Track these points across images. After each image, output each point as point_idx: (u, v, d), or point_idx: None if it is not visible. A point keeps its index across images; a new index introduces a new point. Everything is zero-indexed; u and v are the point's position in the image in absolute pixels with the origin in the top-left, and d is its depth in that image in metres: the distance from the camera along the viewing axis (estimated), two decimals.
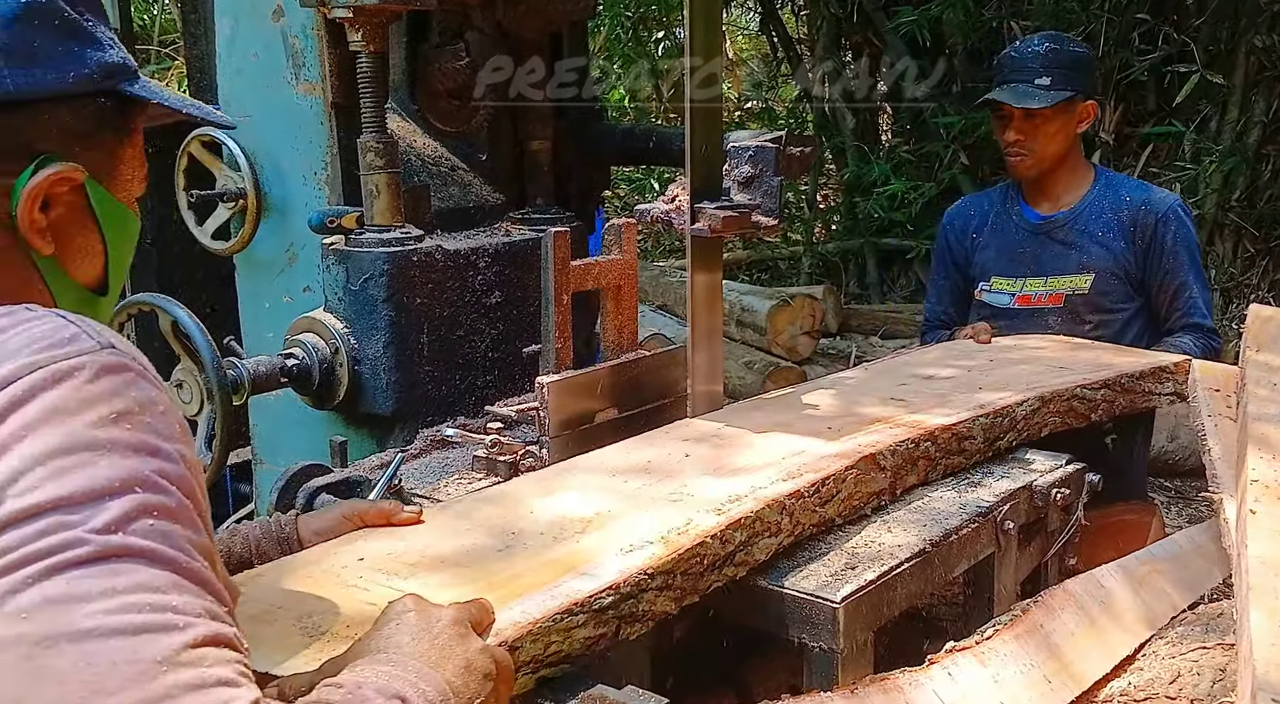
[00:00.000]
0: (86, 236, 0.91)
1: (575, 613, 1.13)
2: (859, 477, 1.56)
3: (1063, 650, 1.45)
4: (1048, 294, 2.53)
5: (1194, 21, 5.02)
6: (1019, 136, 2.44)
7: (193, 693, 0.62)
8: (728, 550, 1.33)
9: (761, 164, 1.85)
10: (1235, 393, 1.86)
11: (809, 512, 1.47)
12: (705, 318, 1.90)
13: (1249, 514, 1.34)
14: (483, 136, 2.33)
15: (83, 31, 0.88)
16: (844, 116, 6.59)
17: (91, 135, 0.89)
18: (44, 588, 0.62)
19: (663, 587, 1.23)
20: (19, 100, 0.84)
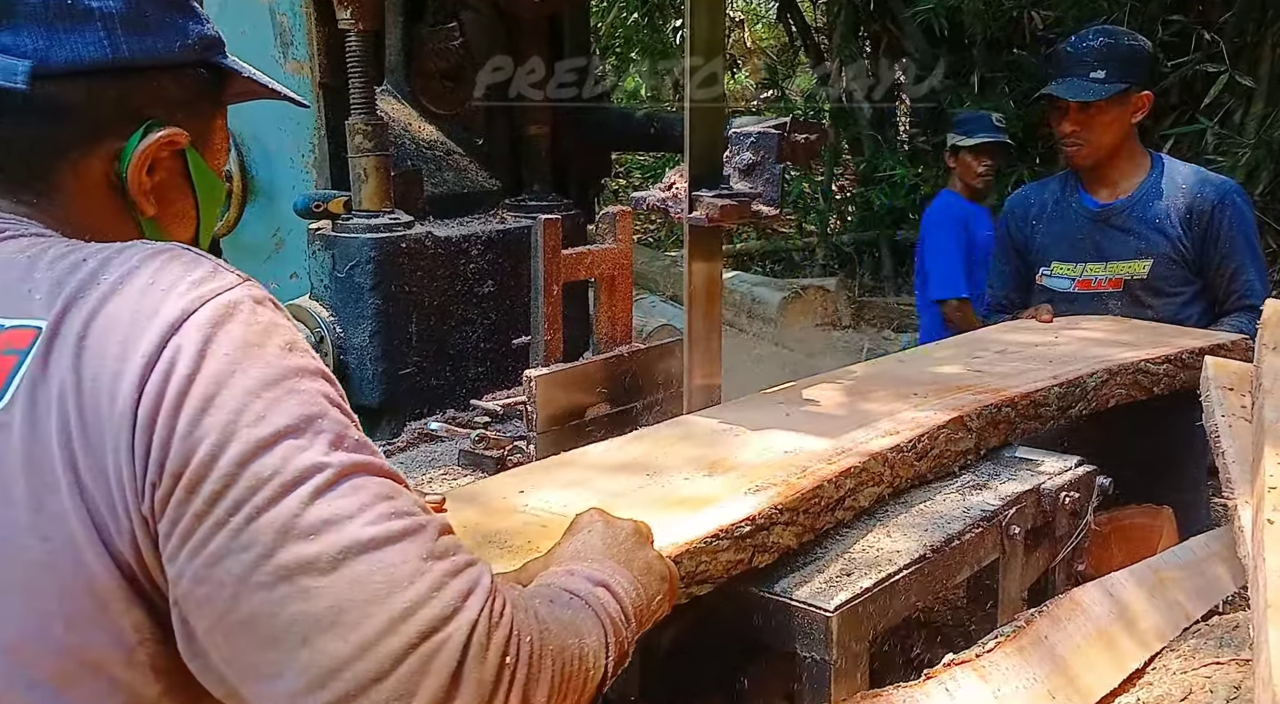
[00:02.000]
0: (183, 201, 0.95)
1: (721, 538, 1.28)
2: (949, 436, 1.67)
3: (1069, 664, 1.38)
4: (1107, 278, 2.61)
5: (1220, 15, 4.91)
6: (1075, 127, 2.52)
7: (454, 578, 0.72)
8: (839, 495, 1.47)
9: (764, 151, 1.78)
10: (1250, 392, 1.77)
11: (906, 465, 1.59)
12: (703, 310, 1.84)
13: (1266, 524, 1.26)
14: (479, 120, 2.27)
15: (186, 5, 0.93)
16: (860, 107, 6.50)
17: (191, 104, 0.93)
18: (314, 510, 0.69)
19: (788, 522, 1.38)
20: (133, 66, 0.88)
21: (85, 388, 0.71)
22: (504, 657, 0.73)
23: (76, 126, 0.87)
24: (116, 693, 0.73)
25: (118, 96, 0.88)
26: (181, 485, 0.69)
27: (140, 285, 0.74)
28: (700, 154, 1.74)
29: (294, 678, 0.68)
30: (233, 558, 0.68)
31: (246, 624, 0.68)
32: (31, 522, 0.71)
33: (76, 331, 0.72)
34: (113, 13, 0.87)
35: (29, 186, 0.87)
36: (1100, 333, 2.34)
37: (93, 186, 0.89)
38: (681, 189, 1.77)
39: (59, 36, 0.85)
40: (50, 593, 0.71)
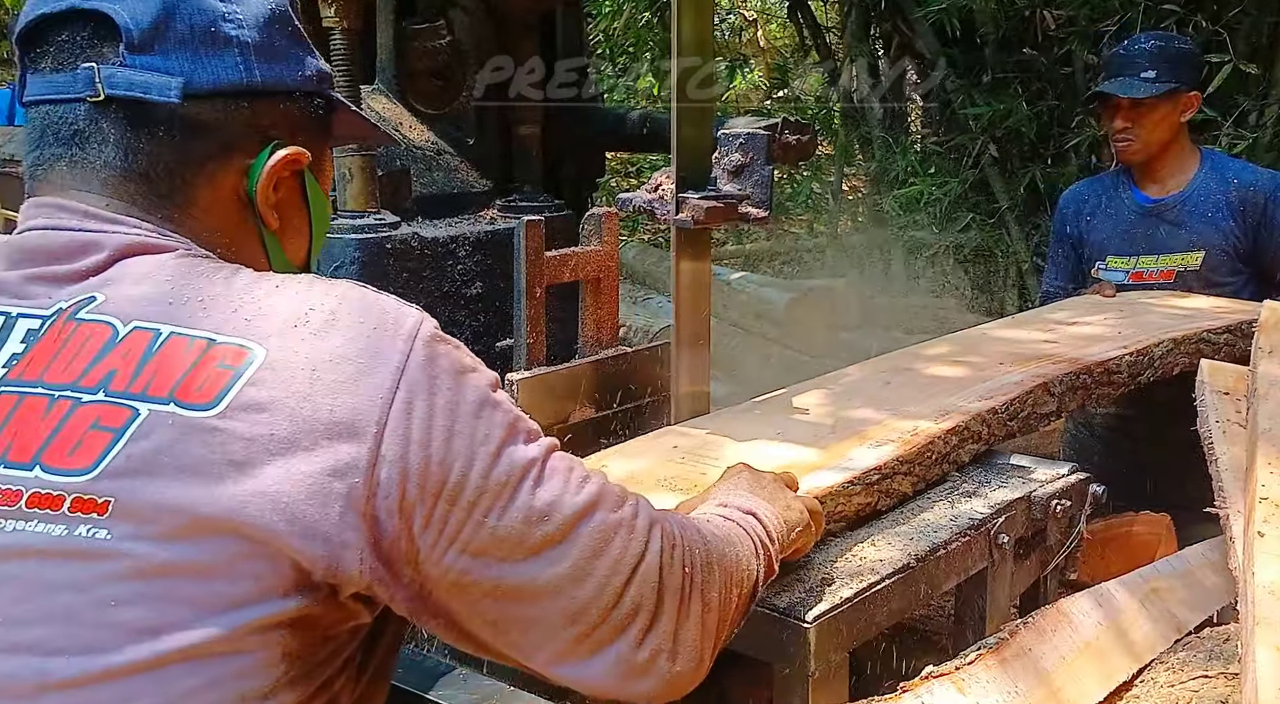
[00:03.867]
0: (299, 218, 1.04)
1: (854, 484, 1.49)
2: (1036, 400, 1.85)
3: (1052, 677, 1.34)
4: (1159, 270, 2.73)
5: (1232, 12, 4.84)
6: (1126, 124, 2.65)
7: (638, 517, 0.93)
8: (947, 449, 1.66)
9: (753, 152, 1.76)
10: (1246, 397, 1.74)
11: (1000, 425, 1.77)
12: (691, 315, 1.81)
13: (1256, 536, 1.22)
14: (469, 120, 2.25)
15: (305, 41, 1.04)
16: (871, 107, 6.45)
17: (308, 130, 1.03)
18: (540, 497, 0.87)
19: (907, 473, 1.59)
20: (264, 90, 0.98)
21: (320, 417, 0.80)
22: (685, 567, 0.95)
23: (213, 143, 0.95)
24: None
25: (249, 117, 0.97)
26: (442, 501, 0.82)
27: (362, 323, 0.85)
28: (687, 155, 1.72)
29: (555, 621, 0.88)
30: (495, 549, 0.85)
31: (513, 593, 0.86)
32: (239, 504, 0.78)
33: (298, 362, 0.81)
34: (248, 42, 0.96)
35: (171, 198, 0.94)
36: (1163, 307, 2.52)
37: (224, 199, 0.96)
38: (668, 190, 1.75)
39: (202, 61, 0.94)
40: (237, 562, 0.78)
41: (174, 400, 0.78)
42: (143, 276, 0.86)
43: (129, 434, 0.77)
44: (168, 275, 0.86)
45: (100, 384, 0.79)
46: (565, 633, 0.89)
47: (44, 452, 0.77)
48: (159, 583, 0.75)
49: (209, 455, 0.77)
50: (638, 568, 0.92)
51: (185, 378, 0.79)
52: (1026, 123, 5.48)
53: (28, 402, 0.79)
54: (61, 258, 0.87)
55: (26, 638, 0.73)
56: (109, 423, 0.77)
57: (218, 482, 0.77)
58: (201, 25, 0.94)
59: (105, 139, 0.92)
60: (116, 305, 0.84)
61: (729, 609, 1.03)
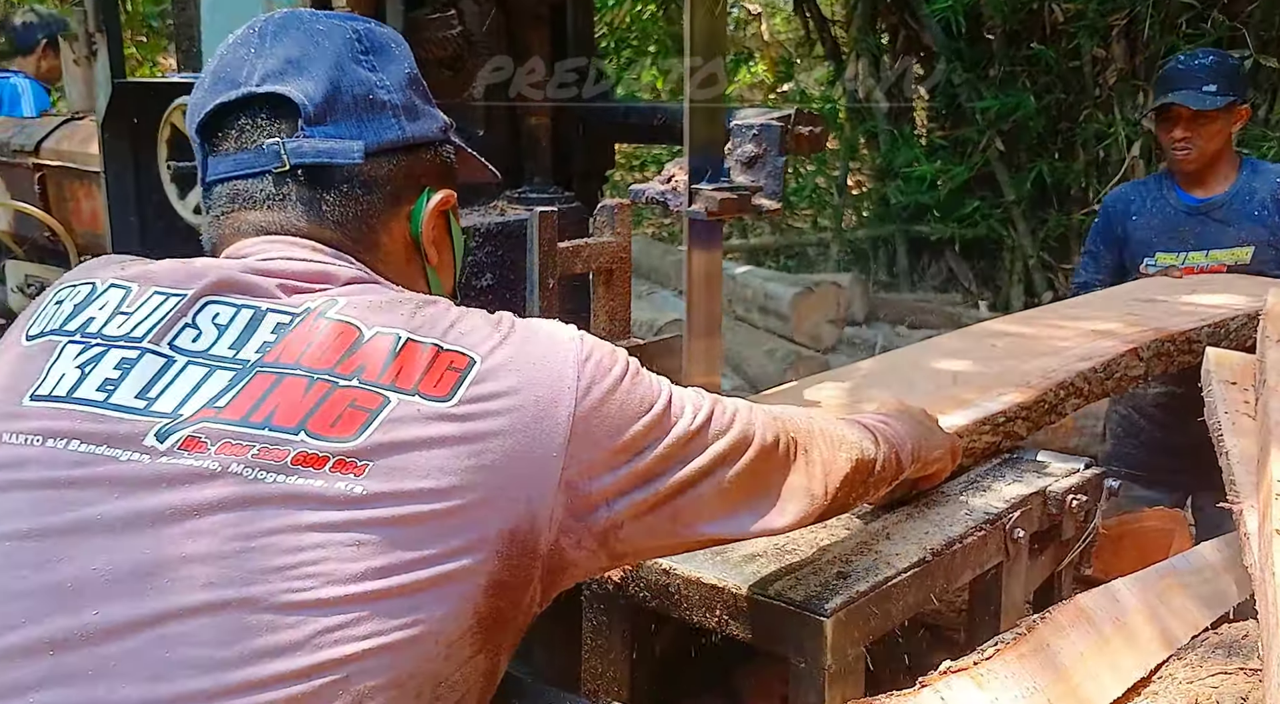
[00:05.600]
0: (447, 254, 1.18)
1: (985, 423, 1.72)
2: (1128, 363, 2.05)
3: (1070, 673, 1.33)
4: (1210, 265, 2.88)
5: (1246, 7, 4.82)
6: (1186, 134, 2.83)
7: (755, 420, 1.13)
8: (1054, 401, 1.86)
9: (766, 143, 1.75)
10: (1254, 387, 1.72)
11: (1099, 383, 1.97)
12: (703, 305, 1.80)
13: (1275, 534, 1.21)
14: (478, 111, 2.23)
15: (430, 97, 1.17)
16: (877, 101, 6.43)
17: (444, 175, 1.17)
18: (704, 436, 1.07)
19: (1025, 417, 1.79)
20: (415, 144, 1.12)
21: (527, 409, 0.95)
22: (790, 436, 1.16)
23: (386, 194, 1.10)
24: None
25: (408, 169, 1.11)
26: (620, 454, 0.99)
27: (540, 335, 1.00)
28: (700, 146, 1.70)
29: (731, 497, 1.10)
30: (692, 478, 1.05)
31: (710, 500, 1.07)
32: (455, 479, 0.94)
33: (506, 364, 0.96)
34: (398, 104, 1.10)
35: (362, 243, 1.09)
36: (1233, 284, 2.66)
37: (398, 241, 1.12)
38: (681, 181, 1.74)
39: (367, 125, 1.08)
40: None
41: (418, 393, 0.93)
42: (371, 297, 1.01)
43: (383, 416, 0.92)
44: (388, 298, 1.01)
45: (354, 373, 0.94)
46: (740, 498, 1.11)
47: (308, 421, 0.91)
48: (395, 530, 0.89)
49: (446, 435, 0.92)
50: (778, 446, 1.14)
51: (424, 376, 0.94)
52: (1034, 117, 5.47)
53: (287, 381, 0.93)
54: (305, 279, 1.02)
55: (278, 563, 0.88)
56: (365, 405, 0.92)
57: (453, 457, 0.92)
58: (362, 94, 1.08)
59: (295, 201, 1.07)
60: (358, 312, 0.98)
61: (836, 470, 1.22)
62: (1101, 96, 5.25)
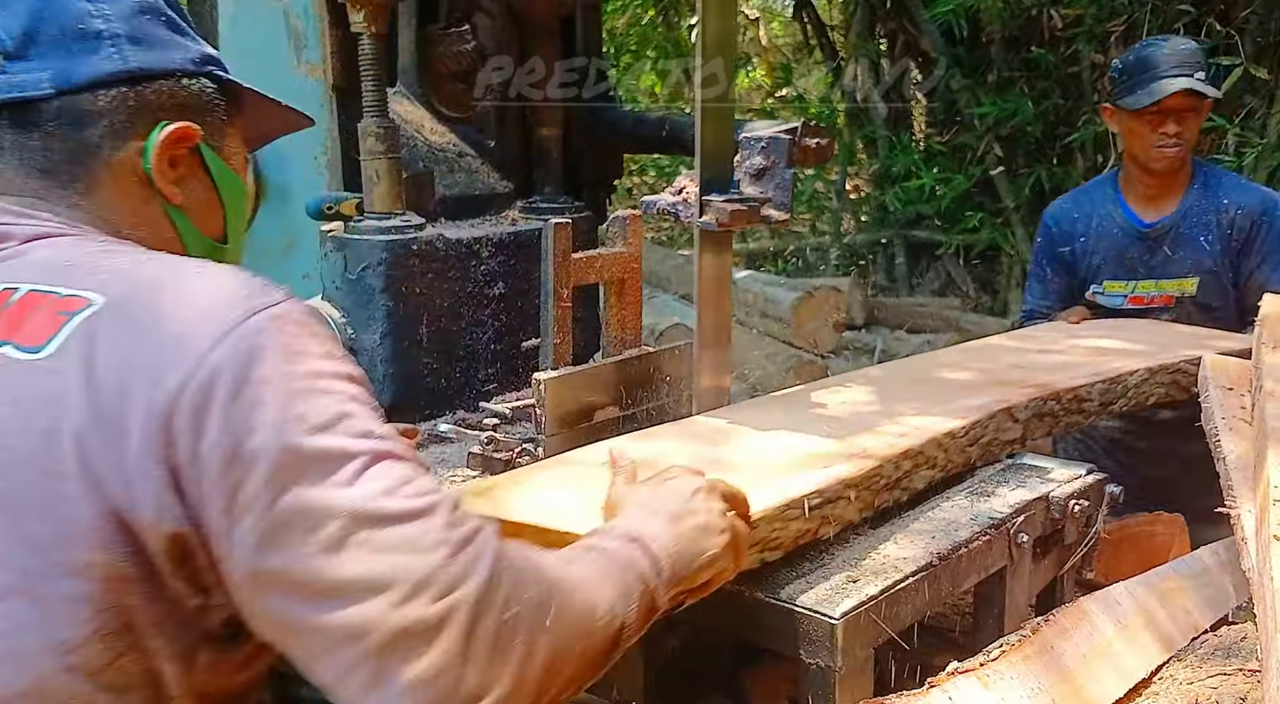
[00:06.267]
0: (206, 193, 1.11)
1: (793, 507, 1.38)
2: (998, 425, 1.76)
3: (1074, 674, 1.37)
4: (1159, 295, 2.66)
5: (1241, 13, 4.86)
6: (1179, 128, 2.53)
7: (466, 546, 0.84)
8: (897, 475, 1.56)
9: (775, 155, 1.78)
10: (1250, 393, 1.75)
11: (959, 450, 1.68)
12: (713, 313, 1.84)
13: (1273, 539, 1.24)
14: (491, 122, 2.28)
15: (180, 28, 1.10)
16: (875, 107, 6.47)
17: (201, 110, 1.09)
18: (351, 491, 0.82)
19: (852, 498, 1.48)
20: (142, 77, 1.05)
21: (133, 368, 0.84)
22: (505, 612, 0.84)
23: (104, 129, 1.03)
24: None
25: (135, 103, 1.04)
26: (235, 470, 0.81)
27: (200, 289, 0.89)
28: (710, 158, 1.74)
29: (335, 631, 0.80)
30: (283, 534, 0.81)
31: (297, 587, 0.81)
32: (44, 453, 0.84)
33: (133, 316, 0.87)
34: (120, 34, 1.04)
35: (73, 186, 1.03)
36: (1140, 332, 2.42)
37: (126, 181, 1.05)
38: (692, 193, 1.77)
39: (76, 56, 1.02)
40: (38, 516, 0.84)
41: (11, 342, 0.88)
42: (42, 254, 0.97)
43: None
44: (58, 251, 0.97)
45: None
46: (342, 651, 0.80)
47: None
48: None
49: (28, 394, 0.85)
50: (446, 597, 0.81)
51: (24, 323, 0.89)
52: (1032, 122, 5.50)
53: None
54: None
55: None
56: None
57: (34, 418, 0.84)
58: (70, 24, 1.02)
59: (2, 146, 1.02)
60: (14, 273, 0.94)
61: (562, 662, 0.89)
62: (1100, 102, 5.29)
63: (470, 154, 2.26)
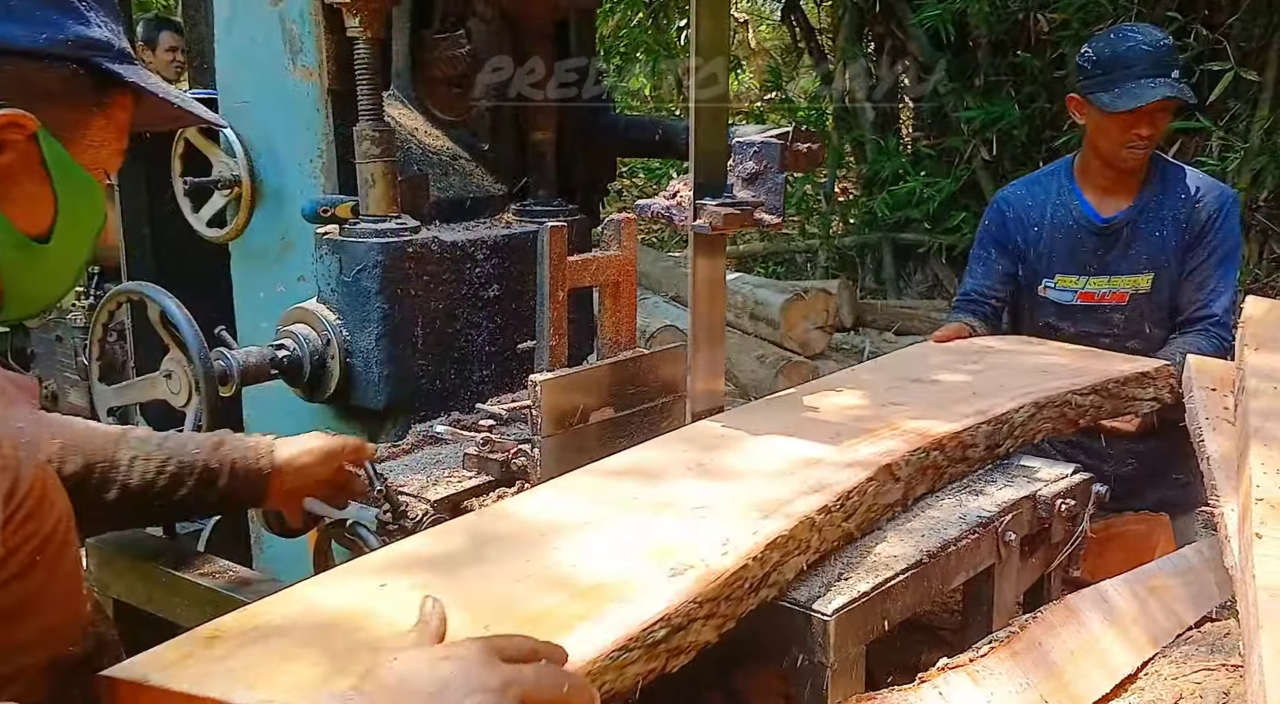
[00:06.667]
0: (37, 186, 0.99)
1: (630, 649, 1.09)
2: (878, 489, 1.53)
3: (1062, 669, 1.40)
4: (1112, 292, 2.58)
5: (1226, 18, 4.92)
6: (1152, 131, 2.44)
7: None
8: (764, 571, 1.30)
9: (766, 160, 1.80)
10: (1233, 394, 1.79)
11: (834, 527, 1.44)
12: (707, 315, 1.86)
13: (1254, 538, 1.27)
14: (484, 126, 2.29)
15: (68, 5, 0.98)
16: (863, 110, 6.51)
17: (59, 97, 0.99)
18: None
19: (709, 615, 1.20)
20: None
21: None
22: None
23: None
24: None
25: None
26: None
27: None
28: (704, 163, 1.76)
29: None
30: None
31: None
32: None
33: None
34: None
35: None
36: (1023, 358, 2.20)
37: None
38: (686, 197, 1.80)
39: None
40: None
41: None
42: None
43: None
44: None
45: None
46: None
47: None
48: None
49: None
50: None
51: None
52: (1018, 125, 5.55)
53: None
54: None
55: None
56: None
57: None
58: None
59: None
60: None
61: None
62: None
63: (464, 157, 2.28)
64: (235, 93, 2.12)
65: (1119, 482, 2.65)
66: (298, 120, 2.04)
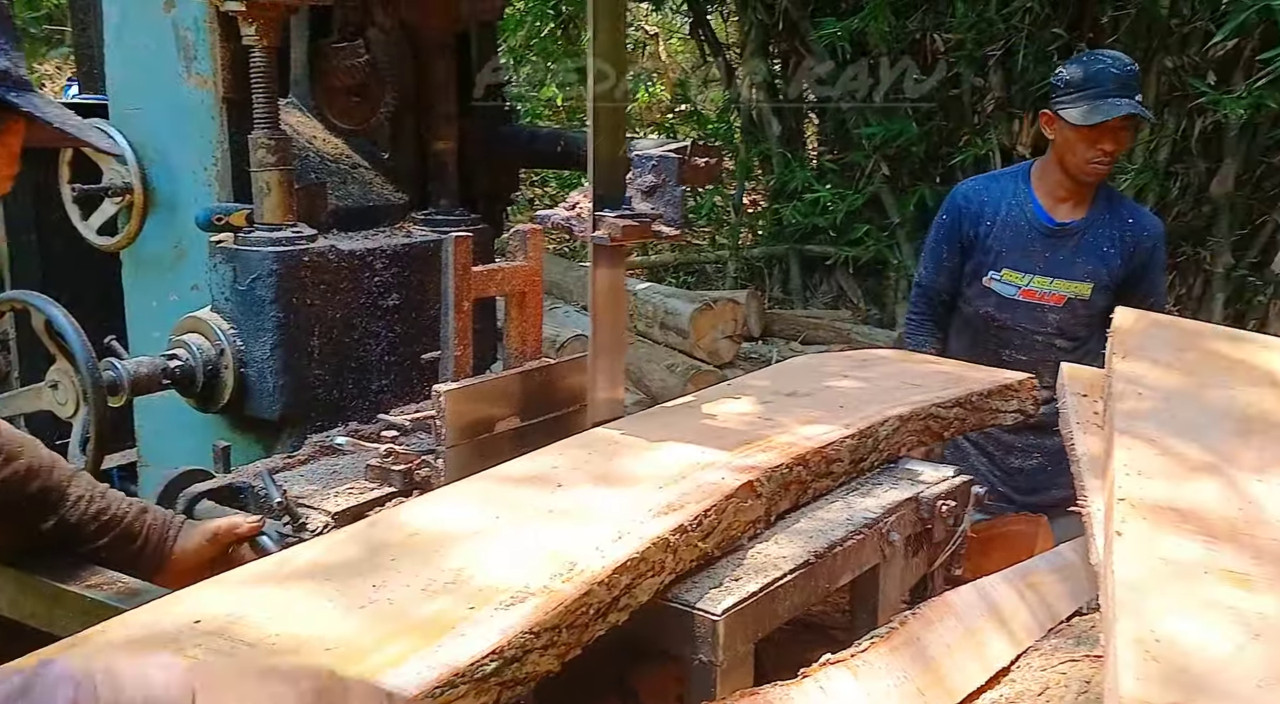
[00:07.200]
0: None
1: (455, 684, 1.02)
2: (738, 506, 1.51)
3: (938, 663, 1.46)
4: (1052, 293, 2.76)
5: (1108, 40, 5.16)
6: (1114, 148, 2.64)
7: None
8: (613, 596, 1.25)
9: (665, 174, 1.84)
10: (1103, 399, 1.88)
11: (691, 547, 1.41)
12: (607, 325, 1.89)
13: (1115, 536, 1.35)
14: (385, 135, 2.29)
15: None
16: (770, 124, 6.64)
17: None
18: None
19: (547, 645, 1.14)
20: None
21: None
22: None
23: None
24: None
25: None
26: None
27: None
28: (603, 175, 1.79)
29: None
30: None
31: None
32: None
33: None
34: None
35: None
36: (890, 368, 2.25)
37: None
38: (585, 208, 1.82)
39: None
40: None
41: None
42: None
43: None
44: None
45: None
46: None
47: None
48: None
49: None
50: None
51: None
52: (916, 143, 5.72)
53: None
54: None
55: None
56: None
57: None
58: None
59: None
60: None
61: None
62: (979, 124, 5.55)
63: (364, 166, 2.27)
64: (127, 99, 2.08)
65: (1025, 474, 2.83)
66: (192, 128, 2.01)
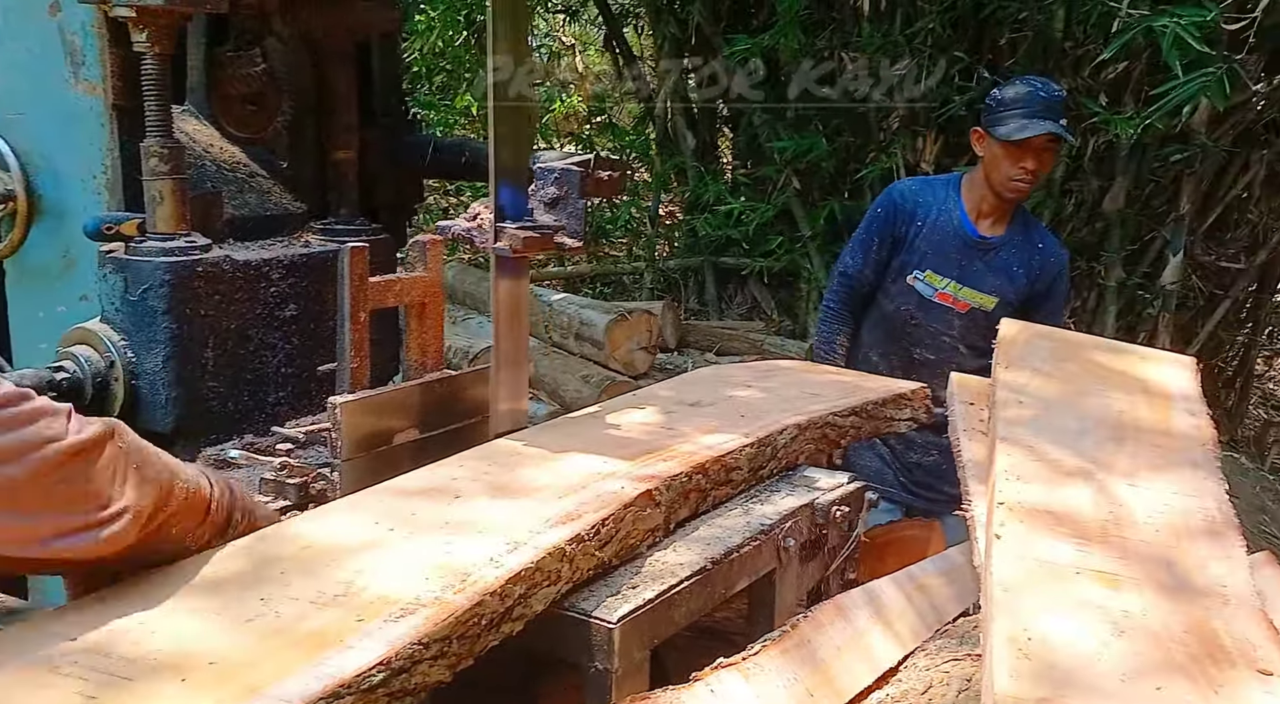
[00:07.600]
0: None
1: (341, 695, 1.02)
2: (636, 515, 1.52)
3: (828, 664, 1.50)
4: (960, 299, 2.94)
5: (1007, 63, 5.34)
6: (1037, 166, 2.80)
7: None
8: (506, 606, 1.25)
9: (567, 186, 1.85)
10: (989, 407, 1.95)
11: (588, 556, 1.42)
12: (509, 336, 1.90)
13: (995, 538, 1.41)
14: (283, 144, 2.26)
15: None
16: (685, 137, 6.72)
17: None
18: None
19: (437, 655, 1.13)
20: None
21: None
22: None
23: None
24: None
25: None
26: None
27: None
28: (505, 185, 1.79)
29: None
30: None
31: None
32: None
33: None
34: None
35: None
36: (789, 377, 2.30)
37: None
38: (486, 220, 1.83)
39: None
40: None
41: None
42: None
43: None
44: None
45: None
46: None
47: None
48: None
49: None
50: None
51: None
52: (826, 158, 5.85)
53: None
54: None
55: None
56: None
57: None
58: None
59: None
60: None
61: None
62: (885, 141, 5.69)
63: (262, 175, 2.24)
64: (10, 104, 2.02)
65: (923, 469, 2.95)
66: (80, 135, 1.96)
